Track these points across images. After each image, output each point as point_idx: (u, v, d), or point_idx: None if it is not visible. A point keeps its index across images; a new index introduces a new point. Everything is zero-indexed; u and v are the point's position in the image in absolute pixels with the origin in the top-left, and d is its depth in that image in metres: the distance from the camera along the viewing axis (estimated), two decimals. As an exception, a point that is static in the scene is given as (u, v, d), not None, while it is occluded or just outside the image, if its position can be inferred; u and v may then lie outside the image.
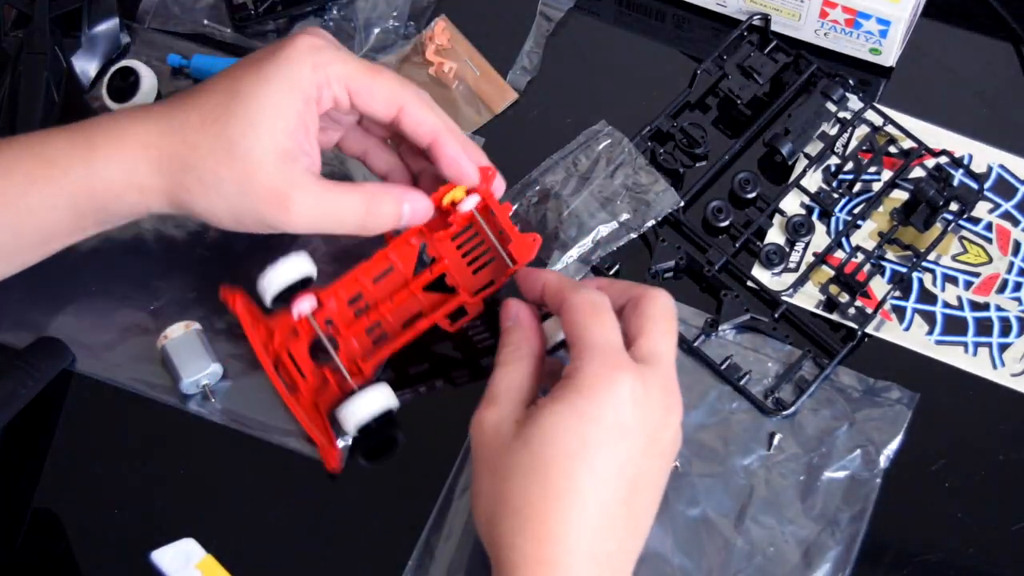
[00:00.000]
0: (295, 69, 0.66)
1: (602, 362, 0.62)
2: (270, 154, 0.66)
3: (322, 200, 0.67)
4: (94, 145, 0.67)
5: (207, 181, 0.66)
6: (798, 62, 0.83)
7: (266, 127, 0.66)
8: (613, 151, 0.81)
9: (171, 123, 0.67)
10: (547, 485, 0.60)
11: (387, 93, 0.69)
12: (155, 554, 0.68)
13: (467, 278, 0.74)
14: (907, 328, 0.77)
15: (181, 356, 0.74)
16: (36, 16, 0.80)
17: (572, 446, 0.61)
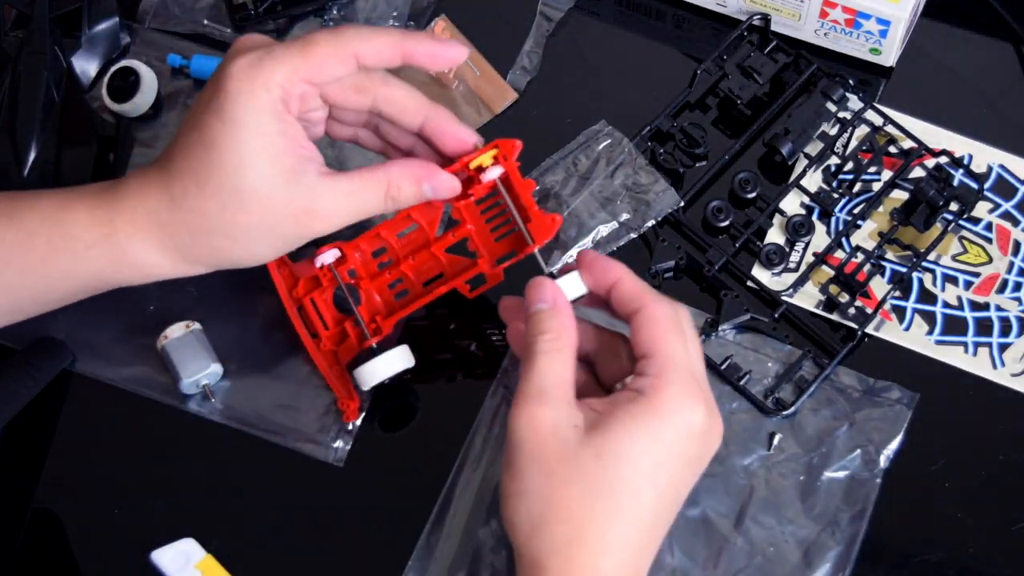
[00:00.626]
0: (249, 97, 0.65)
1: (683, 388, 0.62)
2: (278, 180, 0.65)
3: (345, 198, 0.67)
4: (115, 224, 0.67)
5: (234, 235, 0.66)
6: (798, 62, 0.83)
7: (260, 160, 0.65)
8: (613, 151, 0.81)
9: (172, 198, 0.66)
10: (613, 502, 0.60)
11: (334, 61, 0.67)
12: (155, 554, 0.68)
13: (489, 245, 0.73)
14: (907, 328, 0.77)
15: (181, 356, 0.74)
16: (36, 16, 0.80)
17: (645, 468, 0.61)
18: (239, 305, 0.77)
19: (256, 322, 0.77)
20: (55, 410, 0.75)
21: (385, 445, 0.75)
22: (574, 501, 0.60)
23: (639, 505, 0.61)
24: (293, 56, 0.65)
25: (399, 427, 0.75)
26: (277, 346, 0.77)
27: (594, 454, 0.61)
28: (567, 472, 0.60)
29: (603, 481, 0.60)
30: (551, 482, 0.61)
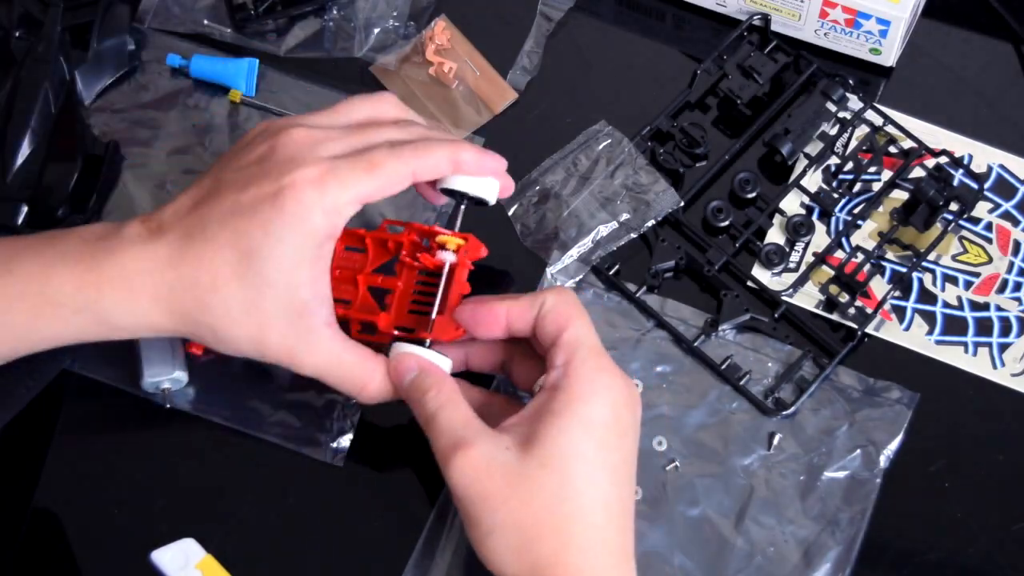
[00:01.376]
0: (305, 222, 0.63)
1: (594, 366, 0.63)
2: (286, 312, 0.64)
3: (327, 354, 0.67)
4: (102, 290, 0.64)
5: (221, 336, 0.65)
6: (798, 62, 0.83)
7: (283, 286, 0.64)
8: (613, 151, 0.81)
9: (180, 279, 0.64)
10: (578, 499, 0.61)
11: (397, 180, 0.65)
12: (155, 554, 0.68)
13: (402, 310, 0.71)
14: (907, 328, 0.77)
15: (150, 354, 0.74)
16: (47, 24, 0.80)
17: (590, 455, 0.62)
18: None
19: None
20: (55, 410, 0.75)
21: (385, 445, 0.75)
22: (542, 514, 0.61)
23: (601, 491, 0.62)
24: (359, 178, 0.63)
25: (399, 427, 0.75)
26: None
27: (539, 464, 0.61)
28: (522, 492, 0.61)
29: (559, 484, 0.61)
30: (512, 508, 0.61)
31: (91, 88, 0.83)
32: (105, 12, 0.83)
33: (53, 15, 0.80)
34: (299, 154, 0.64)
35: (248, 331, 0.65)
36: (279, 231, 0.63)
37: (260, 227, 0.63)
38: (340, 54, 0.85)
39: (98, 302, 0.65)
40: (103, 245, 0.65)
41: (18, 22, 0.81)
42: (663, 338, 0.77)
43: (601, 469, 0.62)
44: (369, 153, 0.64)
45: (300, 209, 0.62)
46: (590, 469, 0.62)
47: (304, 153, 0.64)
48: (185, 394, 0.75)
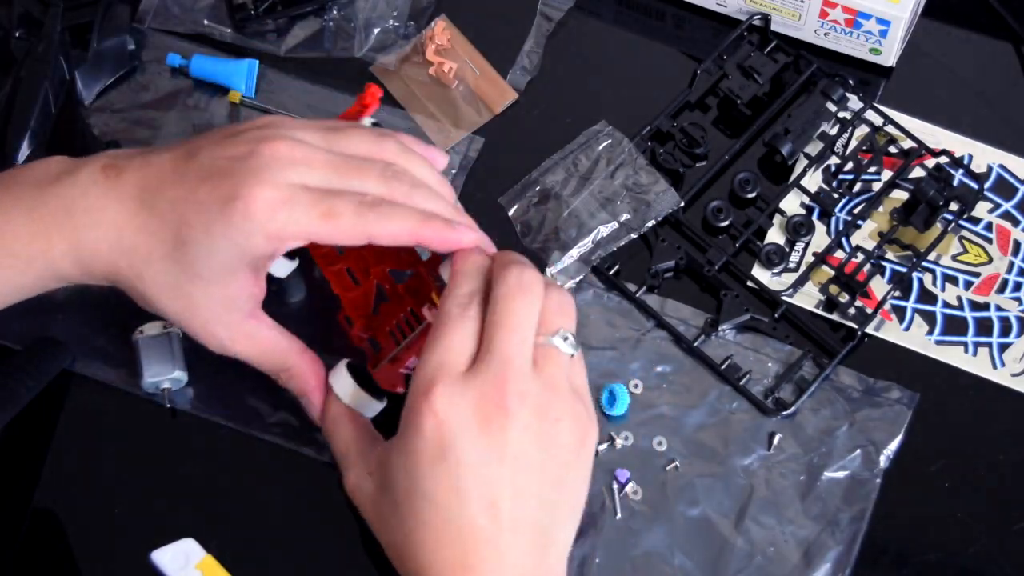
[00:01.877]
0: (247, 239, 0.62)
1: (413, 393, 0.62)
2: (211, 303, 0.66)
3: (248, 340, 0.69)
4: (52, 241, 0.65)
5: (150, 304, 0.67)
6: (798, 62, 0.83)
7: (213, 282, 0.65)
8: (613, 151, 0.81)
9: (121, 241, 0.65)
10: (412, 527, 0.62)
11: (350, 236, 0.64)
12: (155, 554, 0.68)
13: (384, 321, 0.70)
14: (907, 328, 0.77)
15: (149, 354, 0.74)
16: (47, 24, 0.80)
17: (403, 484, 0.62)
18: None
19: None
20: (55, 410, 0.75)
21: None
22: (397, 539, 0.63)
23: (424, 520, 0.61)
24: (311, 220, 0.62)
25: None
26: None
27: (383, 491, 0.64)
28: (379, 519, 0.64)
29: (394, 512, 0.63)
30: (381, 535, 0.64)
31: (91, 88, 0.83)
32: (105, 12, 0.83)
33: (53, 15, 0.80)
34: (270, 169, 0.63)
35: (174, 308, 0.66)
36: (218, 239, 0.63)
37: (203, 226, 0.63)
38: (340, 54, 0.85)
39: (47, 252, 0.65)
40: (55, 191, 0.65)
41: (18, 22, 0.81)
42: (663, 338, 0.77)
43: (420, 499, 0.61)
44: (332, 200, 0.63)
45: (246, 226, 0.62)
46: (408, 499, 0.62)
47: (275, 171, 0.63)
48: (185, 394, 0.75)
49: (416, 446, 0.61)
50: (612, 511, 0.72)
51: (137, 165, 0.65)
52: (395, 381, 0.69)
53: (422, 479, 0.60)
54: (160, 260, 0.64)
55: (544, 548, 0.61)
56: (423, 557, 0.61)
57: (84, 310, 0.77)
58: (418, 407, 0.61)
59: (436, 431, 0.60)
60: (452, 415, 0.60)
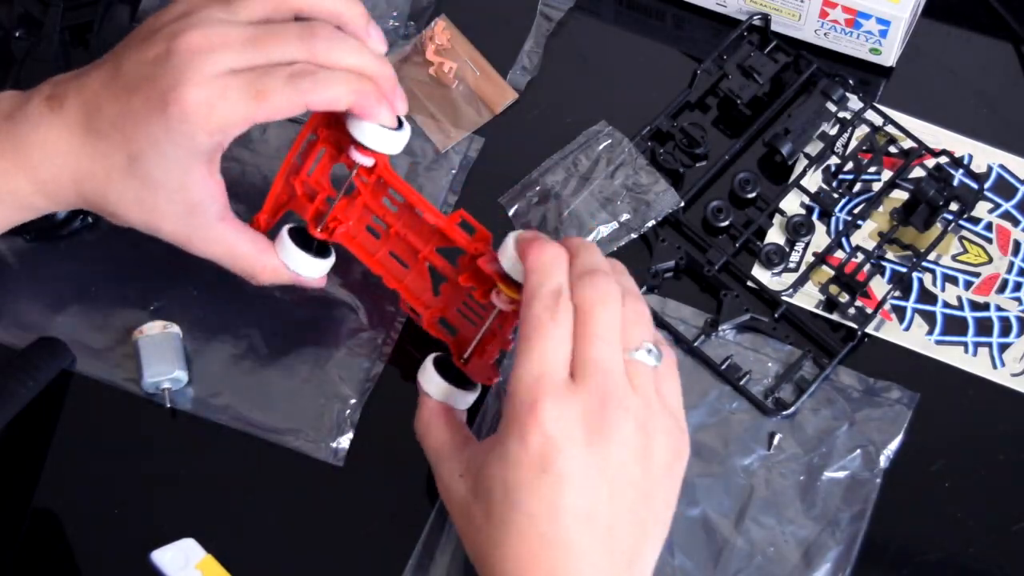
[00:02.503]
0: (190, 140, 0.63)
1: (515, 404, 0.61)
2: (176, 209, 0.67)
3: (220, 244, 0.69)
4: (16, 176, 0.66)
5: (121, 219, 0.68)
6: (798, 62, 0.83)
7: (172, 188, 0.66)
8: (613, 151, 0.81)
9: (79, 167, 0.66)
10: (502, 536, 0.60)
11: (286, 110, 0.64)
12: (155, 554, 0.68)
13: (452, 302, 0.71)
14: (907, 328, 0.77)
15: (149, 354, 0.74)
16: (47, 24, 0.80)
17: (499, 494, 0.60)
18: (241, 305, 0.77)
19: (260, 322, 0.77)
20: (55, 410, 0.75)
21: (385, 445, 0.75)
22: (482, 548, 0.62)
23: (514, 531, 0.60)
24: (247, 105, 0.63)
25: (399, 427, 0.75)
26: (279, 346, 0.77)
27: (475, 495, 0.62)
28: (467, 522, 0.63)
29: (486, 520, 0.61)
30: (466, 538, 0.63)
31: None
32: (105, 12, 0.83)
33: (53, 15, 0.80)
34: (192, 66, 0.63)
35: (142, 219, 0.67)
36: (164, 145, 0.64)
37: (146, 137, 0.64)
38: (340, 54, 0.85)
39: (15, 191, 0.67)
40: (9, 130, 0.66)
41: (18, 22, 0.81)
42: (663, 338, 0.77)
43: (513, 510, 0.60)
44: (262, 80, 0.63)
45: (185, 128, 0.63)
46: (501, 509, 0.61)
47: (197, 65, 0.63)
48: (185, 394, 0.75)
49: (519, 458, 0.59)
50: (612, 511, 0.72)
51: (75, 91, 0.66)
52: (489, 374, 0.69)
53: (521, 491, 0.59)
54: (119, 179, 0.65)
55: (631, 564, 0.61)
56: (511, 567, 0.60)
57: (84, 310, 0.77)
58: (523, 421, 0.59)
59: (542, 445, 0.59)
60: (559, 430, 0.59)
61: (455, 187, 0.81)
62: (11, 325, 0.77)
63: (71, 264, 0.79)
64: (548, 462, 0.59)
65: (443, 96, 0.84)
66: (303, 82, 0.63)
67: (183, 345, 0.75)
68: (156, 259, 0.79)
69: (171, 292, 0.78)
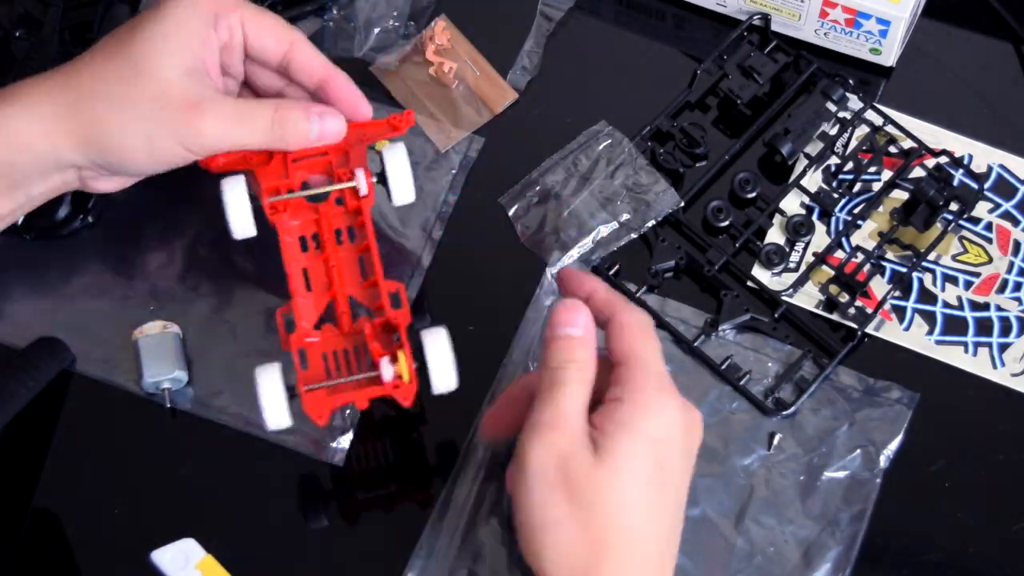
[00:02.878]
0: (183, 14, 0.67)
1: (658, 386, 0.62)
2: (179, 69, 0.66)
3: (233, 107, 0.67)
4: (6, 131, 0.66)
5: (120, 106, 0.66)
6: (798, 62, 0.83)
7: (172, 45, 0.66)
8: (613, 151, 0.81)
9: (73, 66, 0.67)
10: (643, 512, 0.61)
11: (278, 28, 0.69)
12: (155, 554, 0.68)
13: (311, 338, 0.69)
14: (907, 328, 0.77)
15: (149, 355, 0.74)
16: (47, 24, 0.80)
17: (650, 470, 0.61)
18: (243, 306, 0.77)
19: (259, 321, 0.77)
20: (55, 410, 0.75)
21: (385, 445, 0.75)
22: (609, 522, 0.60)
23: (658, 506, 0.61)
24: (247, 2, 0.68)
25: (399, 427, 0.75)
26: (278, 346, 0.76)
27: (610, 472, 0.60)
28: (591, 495, 0.60)
29: (626, 496, 0.60)
30: (579, 508, 0.60)
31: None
32: (105, 12, 0.83)
33: (53, 15, 0.80)
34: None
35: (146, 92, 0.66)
36: (167, 5, 0.67)
37: (151, 11, 0.67)
38: (340, 54, 0.85)
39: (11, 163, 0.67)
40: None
41: (18, 22, 0.81)
42: (663, 338, 0.77)
43: (665, 487, 0.61)
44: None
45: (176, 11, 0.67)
46: (653, 488, 0.61)
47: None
48: (185, 394, 0.75)
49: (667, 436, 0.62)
50: (612, 511, 0.72)
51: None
52: (322, 412, 0.66)
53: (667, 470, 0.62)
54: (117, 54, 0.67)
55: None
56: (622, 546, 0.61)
57: (84, 310, 0.77)
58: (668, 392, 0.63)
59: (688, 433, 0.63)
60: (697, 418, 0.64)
61: (455, 187, 0.81)
62: (11, 325, 0.77)
63: (71, 264, 0.79)
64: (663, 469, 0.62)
65: (443, 96, 0.84)
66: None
67: (183, 345, 0.75)
68: (156, 259, 0.79)
69: (171, 292, 0.78)
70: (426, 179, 0.81)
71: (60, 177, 0.69)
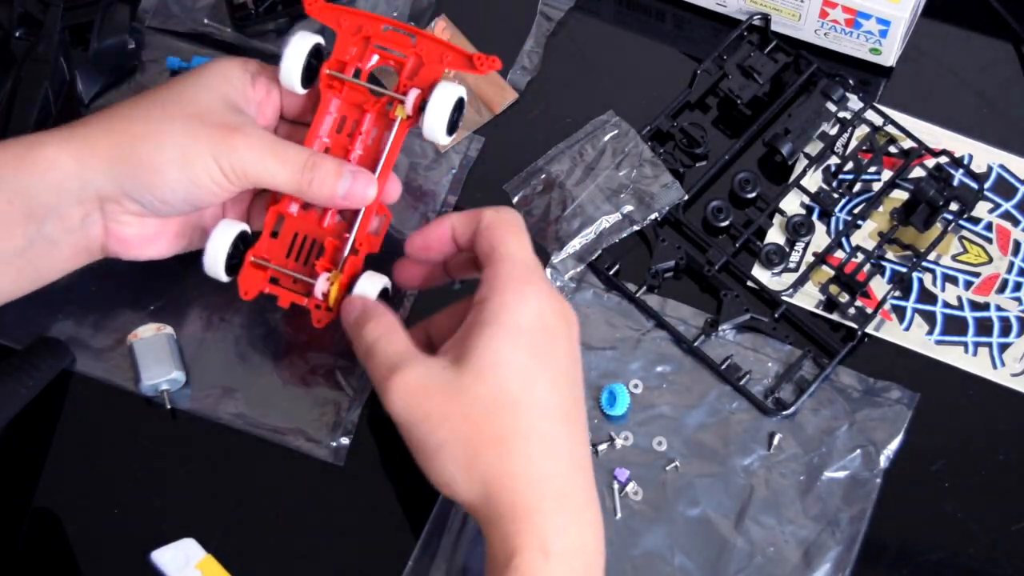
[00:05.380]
0: (225, 61, 0.70)
1: (520, 277, 0.64)
2: (219, 100, 0.67)
3: (271, 138, 0.68)
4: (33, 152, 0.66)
5: (157, 122, 0.67)
6: (798, 62, 0.83)
7: (213, 81, 0.68)
8: (619, 142, 0.81)
9: (110, 107, 0.68)
10: (516, 407, 0.62)
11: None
12: (155, 554, 0.68)
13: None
14: (907, 328, 0.77)
15: (146, 358, 0.74)
16: (47, 24, 0.80)
17: (520, 361, 0.62)
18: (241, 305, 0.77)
19: (259, 321, 0.77)
20: (55, 410, 0.75)
21: (385, 445, 0.75)
22: (483, 425, 0.61)
23: (539, 397, 0.62)
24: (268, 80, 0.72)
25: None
26: (279, 345, 0.77)
27: (473, 376, 0.62)
28: (461, 406, 0.62)
29: (495, 394, 0.62)
30: (453, 423, 0.62)
31: (91, 88, 0.83)
32: (105, 12, 0.83)
33: (53, 15, 0.80)
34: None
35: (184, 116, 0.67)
36: (205, 66, 0.70)
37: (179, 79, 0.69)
38: (340, 54, 0.85)
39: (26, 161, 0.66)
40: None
41: (18, 22, 0.81)
42: (663, 338, 0.77)
43: (537, 375, 0.63)
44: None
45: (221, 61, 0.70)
46: (524, 377, 0.62)
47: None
48: (185, 394, 0.75)
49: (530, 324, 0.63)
50: (612, 511, 0.72)
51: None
52: (251, 290, 0.72)
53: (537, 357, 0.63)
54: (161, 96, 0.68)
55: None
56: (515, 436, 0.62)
57: (84, 310, 0.77)
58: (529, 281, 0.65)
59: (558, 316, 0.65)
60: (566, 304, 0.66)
61: (455, 187, 0.81)
62: (11, 325, 0.77)
63: (71, 264, 0.79)
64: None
65: (443, 96, 0.84)
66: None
67: (178, 345, 0.75)
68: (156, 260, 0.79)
69: (171, 292, 0.78)
70: (426, 179, 0.81)
71: (80, 211, 0.67)
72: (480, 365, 0.62)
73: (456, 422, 0.62)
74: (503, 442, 0.61)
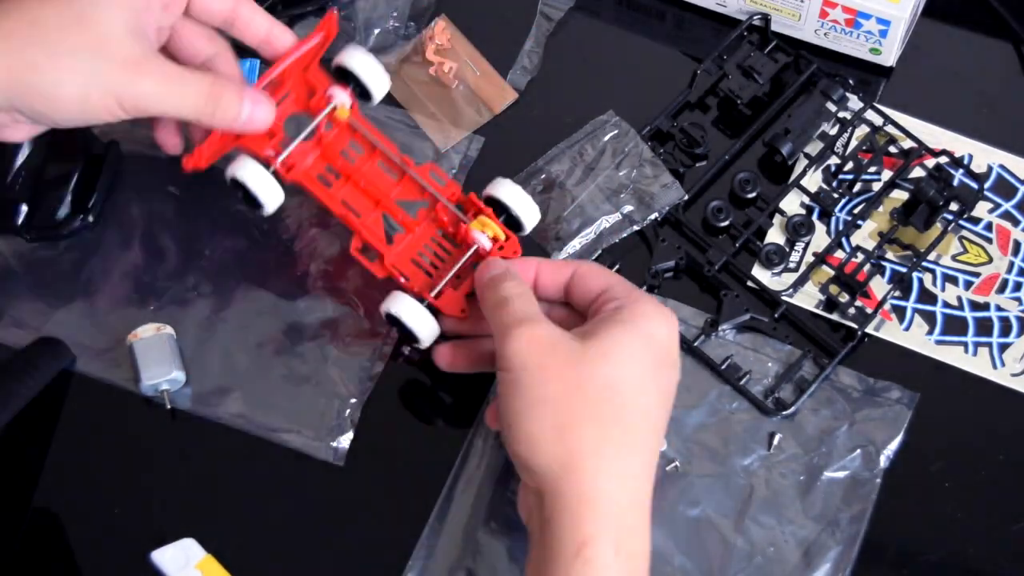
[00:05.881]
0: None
1: (648, 299, 0.66)
2: (122, 25, 0.65)
3: (173, 71, 0.66)
4: None
5: (59, 52, 0.64)
6: (798, 62, 0.83)
7: (115, 3, 0.65)
8: (619, 142, 0.81)
9: (8, 5, 0.64)
10: (629, 400, 0.63)
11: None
12: (155, 554, 0.68)
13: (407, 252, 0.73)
14: (907, 328, 0.78)
15: (145, 358, 0.74)
16: None
17: (647, 364, 0.64)
18: (243, 305, 0.77)
19: (260, 321, 0.77)
20: (55, 410, 0.75)
21: (385, 445, 0.75)
22: (592, 400, 0.62)
23: (650, 402, 0.64)
24: None
25: (399, 427, 0.75)
26: (279, 345, 0.77)
27: (601, 355, 0.63)
28: (580, 373, 0.63)
29: (615, 378, 0.63)
30: (567, 383, 0.62)
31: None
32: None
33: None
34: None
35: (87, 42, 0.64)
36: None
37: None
38: (340, 54, 0.85)
39: None
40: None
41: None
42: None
43: (653, 383, 0.64)
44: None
45: None
46: (641, 380, 0.64)
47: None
48: (185, 394, 0.75)
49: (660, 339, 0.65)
50: (612, 511, 0.72)
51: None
52: (462, 305, 0.72)
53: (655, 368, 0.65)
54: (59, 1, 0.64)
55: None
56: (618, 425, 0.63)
57: (84, 310, 0.77)
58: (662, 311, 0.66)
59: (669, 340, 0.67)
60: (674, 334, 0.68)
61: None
62: (11, 325, 0.77)
63: (71, 264, 0.79)
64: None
65: (443, 96, 0.84)
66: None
67: (178, 345, 0.75)
68: (156, 259, 0.79)
69: (170, 292, 0.78)
70: (426, 179, 0.81)
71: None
72: (607, 348, 0.63)
73: (568, 384, 0.62)
74: (606, 424, 0.62)
